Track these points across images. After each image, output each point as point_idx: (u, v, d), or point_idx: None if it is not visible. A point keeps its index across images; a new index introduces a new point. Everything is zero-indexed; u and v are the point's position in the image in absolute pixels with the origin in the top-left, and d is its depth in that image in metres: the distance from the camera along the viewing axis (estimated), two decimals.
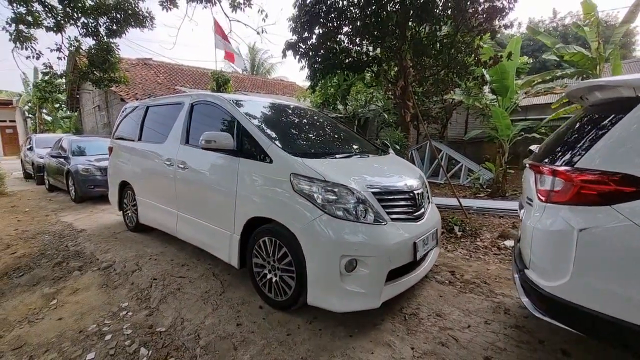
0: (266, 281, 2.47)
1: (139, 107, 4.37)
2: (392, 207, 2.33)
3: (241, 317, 2.33)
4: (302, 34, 6.96)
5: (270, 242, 2.39)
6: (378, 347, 1.98)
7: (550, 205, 1.63)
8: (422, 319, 2.28)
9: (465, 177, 9.28)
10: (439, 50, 6.35)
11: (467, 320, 2.25)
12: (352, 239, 2.06)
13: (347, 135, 3.56)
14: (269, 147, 2.45)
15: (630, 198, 1.36)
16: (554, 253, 1.58)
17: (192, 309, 2.48)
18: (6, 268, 3.55)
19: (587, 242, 1.43)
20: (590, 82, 1.76)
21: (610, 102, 1.65)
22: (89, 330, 2.33)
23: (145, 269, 3.21)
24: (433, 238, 2.62)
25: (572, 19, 22.47)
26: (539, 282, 1.64)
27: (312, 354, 1.93)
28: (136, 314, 2.48)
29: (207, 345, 2.05)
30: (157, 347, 2.10)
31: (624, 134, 1.43)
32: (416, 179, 2.74)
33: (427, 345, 1.99)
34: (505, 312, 2.34)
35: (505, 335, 2.08)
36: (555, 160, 1.72)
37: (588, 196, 1.46)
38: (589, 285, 1.45)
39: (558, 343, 1.98)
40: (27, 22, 6.82)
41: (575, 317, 1.51)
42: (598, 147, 1.49)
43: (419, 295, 2.61)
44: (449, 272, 3.02)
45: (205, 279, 2.94)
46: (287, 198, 2.26)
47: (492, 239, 4.07)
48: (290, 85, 19.82)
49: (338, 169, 2.38)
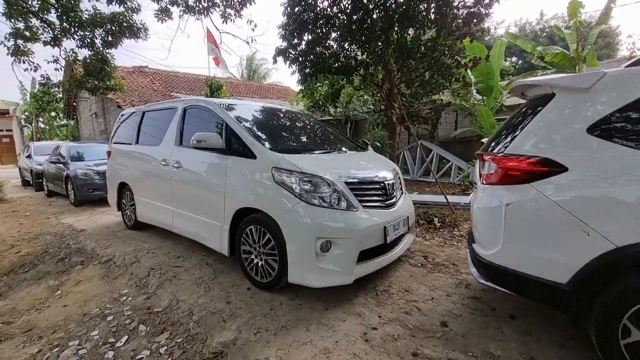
0: (253, 265, 2.74)
1: (135, 113, 4.65)
2: (364, 195, 2.62)
3: (230, 297, 2.59)
4: (292, 40, 7.27)
5: (256, 229, 2.66)
6: (349, 317, 2.25)
7: (487, 187, 1.92)
8: (392, 294, 2.55)
9: (456, 176, 9.57)
10: (423, 53, 6.67)
11: (431, 294, 2.53)
12: (326, 223, 2.34)
13: (329, 134, 3.85)
14: (252, 144, 2.73)
15: (543, 176, 1.65)
16: (489, 226, 1.87)
17: (186, 292, 2.74)
18: (12, 265, 3.79)
19: (512, 214, 1.72)
20: (523, 81, 2.06)
21: (537, 99, 1.95)
22: (92, 314, 2.58)
23: (144, 261, 3.47)
24: (404, 224, 2.91)
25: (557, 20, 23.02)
26: (480, 253, 1.92)
27: (291, 323, 2.20)
28: (135, 299, 2.74)
29: (199, 319, 2.31)
30: (155, 323, 2.36)
31: (540, 123, 1.73)
32: (389, 171, 3.03)
33: (392, 314, 2.27)
34: (466, 287, 2.62)
35: (463, 304, 2.36)
36: (494, 148, 2.01)
37: (512, 176, 1.75)
38: (514, 250, 1.74)
39: (507, 310, 2.26)
40: (25, 36, 7.09)
41: (506, 279, 1.79)
42: (521, 135, 1.79)
43: (391, 275, 2.89)
44: (422, 257, 3.31)
45: (199, 268, 3.20)
46: (269, 189, 2.54)
47: (469, 228, 4.36)
48: (284, 90, 20.17)
49: (315, 163, 2.67)
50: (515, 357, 1.79)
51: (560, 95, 1.73)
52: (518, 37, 10.44)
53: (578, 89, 1.67)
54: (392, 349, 1.90)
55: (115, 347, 2.15)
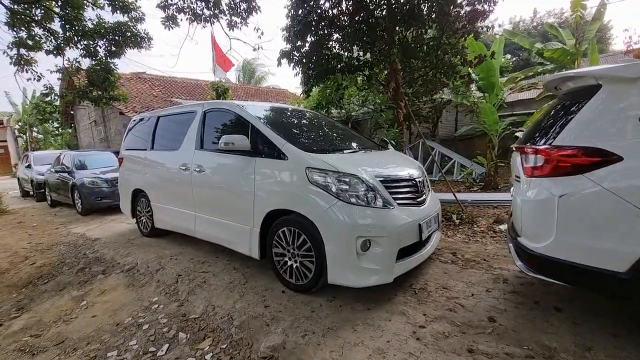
0: (287, 268, 2.70)
1: (148, 118, 4.60)
2: (397, 193, 2.61)
3: (267, 301, 2.56)
4: (296, 42, 7.27)
5: (290, 231, 2.63)
6: (394, 316, 2.23)
7: (534, 179, 1.92)
8: (431, 292, 2.54)
9: (459, 173, 9.62)
10: (427, 52, 6.69)
11: (471, 290, 2.52)
12: (365, 221, 2.32)
13: (349, 133, 3.84)
14: (283, 145, 2.71)
15: (597, 166, 1.65)
16: (540, 218, 1.87)
17: (220, 297, 2.70)
18: (29, 277, 3.71)
19: (565, 205, 1.72)
20: (563, 74, 2.07)
21: (578, 90, 1.96)
22: (126, 323, 2.53)
23: (168, 267, 3.42)
24: (435, 221, 2.90)
25: (551, 17, 23.40)
26: (529, 246, 1.92)
27: (336, 324, 2.17)
28: (167, 306, 2.69)
29: (240, 324, 2.27)
30: (194, 330, 2.31)
31: (589, 115, 1.73)
32: (416, 169, 3.02)
33: (437, 312, 2.25)
34: (504, 282, 2.61)
35: (505, 299, 2.36)
36: (536, 141, 2.02)
37: (564, 168, 1.75)
38: (569, 241, 1.74)
39: (551, 302, 2.26)
40: (28, 45, 7.01)
41: (560, 271, 1.79)
42: (569, 127, 1.79)
43: (425, 273, 2.88)
44: (450, 254, 3.30)
45: (228, 272, 3.16)
46: (303, 190, 2.52)
47: (488, 224, 4.37)
48: (282, 93, 20.18)
49: (347, 162, 2.65)
50: (571, 349, 1.79)
51: (607, 86, 1.73)
52: (516, 35, 10.56)
53: (627, 79, 1.68)
54: (446, 346, 1.88)
55: (157, 355, 2.10)
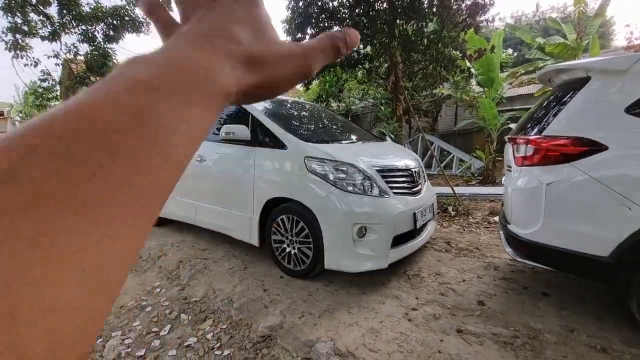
0: (285, 254, 2.78)
1: None
2: (393, 182, 2.68)
3: (266, 285, 2.64)
4: (296, 34, 7.28)
5: (288, 219, 2.71)
6: (387, 299, 2.32)
7: (525, 169, 1.99)
8: (424, 278, 2.63)
9: (457, 167, 9.68)
10: (427, 45, 6.71)
11: (462, 277, 2.61)
12: (361, 209, 2.40)
13: (348, 125, 3.90)
14: (283, 135, 2.77)
15: (584, 155, 1.72)
16: (528, 206, 1.94)
17: (220, 281, 2.78)
18: None
19: (553, 193, 1.79)
20: (555, 66, 2.13)
21: (570, 82, 2.02)
22: (129, 306, 2.61)
23: (170, 254, 3.50)
24: (430, 210, 2.98)
25: (553, 12, 23.26)
26: (518, 232, 2.00)
27: (332, 307, 2.26)
28: (169, 290, 2.77)
29: (240, 306, 2.36)
30: (195, 312, 2.40)
31: (578, 106, 1.80)
32: (412, 160, 3.09)
33: (429, 296, 2.34)
34: (495, 269, 2.70)
35: (495, 285, 2.44)
36: (527, 132, 2.08)
37: (552, 157, 1.82)
38: (555, 227, 1.81)
39: (539, 288, 2.35)
40: (24, 31, 6.98)
41: (547, 256, 1.87)
42: (559, 118, 1.85)
43: (419, 260, 2.97)
44: (445, 243, 3.39)
45: (227, 259, 3.24)
46: (302, 178, 2.59)
47: (483, 216, 4.46)
48: None
49: (345, 152, 2.72)
50: (556, 330, 1.88)
51: (596, 77, 1.79)
52: (517, 28, 10.53)
53: (615, 71, 1.73)
54: (436, 326, 1.97)
55: (160, 335, 2.19)
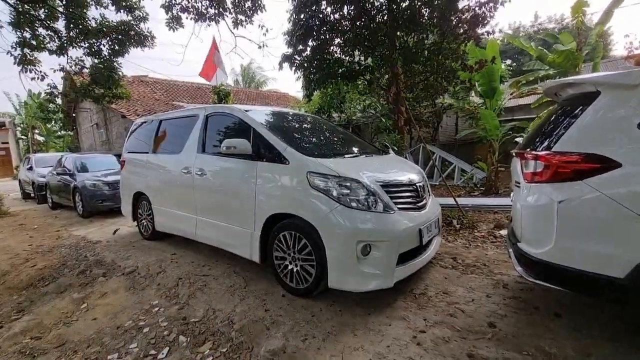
0: (287, 272, 2.71)
1: (151, 122, 4.63)
2: (398, 197, 2.62)
3: (267, 305, 2.56)
4: (297, 46, 7.32)
5: (290, 235, 2.64)
6: (394, 321, 2.23)
7: (534, 185, 1.93)
8: (431, 297, 2.54)
9: (459, 178, 9.62)
10: (427, 57, 6.72)
11: (471, 296, 2.52)
12: (365, 226, 2.33)
13: (351, 138, 3.86)
14: (285, 149, 2.73)
15: (597, 173, 1.67)
16: (540, 224, 1.88)
17: (221, 301, 2.70)
18: (30, 279, 3.71)
19: (565, 211, 1.73)
20: (562, 80, 2.09)
21: (578, 97, 1.98)
22: (126, 326, 2.53)
23: (169, 270, 3.42)
24: (435, 226, 2.91)
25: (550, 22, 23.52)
26: (529, 251, 1.93)
27: (336, 329, 2.18)
28: (168, 309, 2.69)
29: (241, 328, 2.27)
30: (194, 334, 2.31)
31: (588, 121, 1.75)
32: (417, 174, 3.04)
33: (437, 317, 2.25)
34: (504, 287, 2.62)
35: (505, 305, 2.36)
36: (536, 147, 2.03)
37: (563, 174, 1.76)
38: (569, 247, 1.74)
39: (551, 308, 2.26)
40: (32, 45, 7.07)
41: (560, 276, 1.79)
42: (569, 133, 1.80)
43: (425, 278, 2.88)
44: (451, 258, 3.30)
45: (228, 276, 3.16)
46: (304, 194, 2.53)
47: (489, 229, 4.37)
48: (283, 96, 20.26)
49: (348, 166, 2.67)
50: (570, 355, 1.79)
51: (606, 92, 1.75)
52: (516, 38, 10.61)
53: (626, 86, 1.69)
54: (446, 351, 1.88)
55: (158, 358, 2.11)
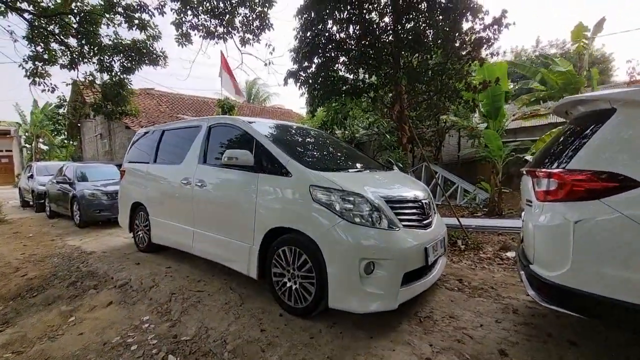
0: (286, 289, 2.58)
1: (153, 132, 4.60)
2: (403, 214, 2.52)
3: (264, 324, 2.42)
4: (303, 63, 7.43)
5: (290, 251, 2.53)
6: (398, 346, 2.09)
7: (547, 204, 1.84)
8: (437, 321, 2.40)
9: (462, 198, 9.51)
10: (431, 77, 6.79)
11: (479, 320, 2.38)
12: (369, 242, 2.23)
13: (354, 153, 3.81)
14: (288, 162, 2.66)
15: (614, 192, 1.58)
16: (555, 245, 1.77)
17: (214, 318, 2.56)
18: (19, 289, 3.58)
19: (582, 232, 1.63)
20: (574, 97, 2.05)
21: (591, 114, 1.92)
22: (113, 342, 2.38)
23: (163, 285, 3.28)
24: (441, 245, 2.80)
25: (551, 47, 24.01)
26: (543, 274, 1.81)
27: (336, 353, 2.03)
28: (159, 326, 2.55)
29: (234, 349, 2.13)
30: (185, 354, 2.17)
31: (603, 138, 1.69)
32: (422, 190, 2.96)
33: (444, 343, 2.11)
34: (514, 312, 2.48)
35: (516, 331, 2.21)
36: (547, 165, 1.96)
37: (579, 192, 1.68)
38: (587, 271, 1.63)
39: (565, 335, 2.12)
40: (44, 59, 7.20)
41: (576, 302, 1.67)
42: (583, 151, 1.73)
43: (431, 300, 2.74)
44: (457, 280, 3.16)
45: (224, 292, 3.03)
46: (306, 208, 2.44)
47: (495, 251, 4.24)
48: (287, 112, 20.49)
49: (352, 181, 2.59)
50: None
51: (622, 109, 1.69)
52: (517, 64, 10.81)
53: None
54: None
55: None
